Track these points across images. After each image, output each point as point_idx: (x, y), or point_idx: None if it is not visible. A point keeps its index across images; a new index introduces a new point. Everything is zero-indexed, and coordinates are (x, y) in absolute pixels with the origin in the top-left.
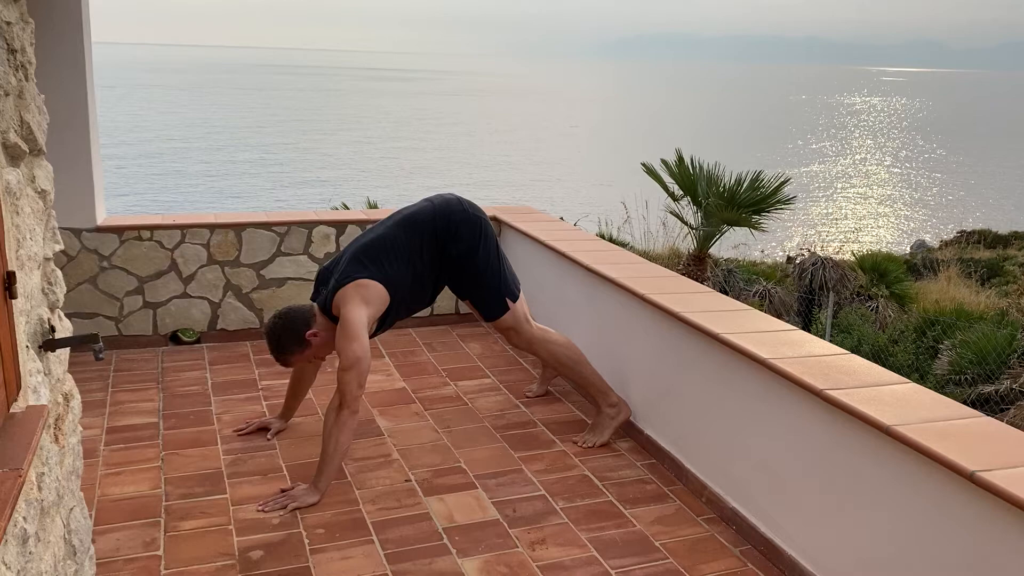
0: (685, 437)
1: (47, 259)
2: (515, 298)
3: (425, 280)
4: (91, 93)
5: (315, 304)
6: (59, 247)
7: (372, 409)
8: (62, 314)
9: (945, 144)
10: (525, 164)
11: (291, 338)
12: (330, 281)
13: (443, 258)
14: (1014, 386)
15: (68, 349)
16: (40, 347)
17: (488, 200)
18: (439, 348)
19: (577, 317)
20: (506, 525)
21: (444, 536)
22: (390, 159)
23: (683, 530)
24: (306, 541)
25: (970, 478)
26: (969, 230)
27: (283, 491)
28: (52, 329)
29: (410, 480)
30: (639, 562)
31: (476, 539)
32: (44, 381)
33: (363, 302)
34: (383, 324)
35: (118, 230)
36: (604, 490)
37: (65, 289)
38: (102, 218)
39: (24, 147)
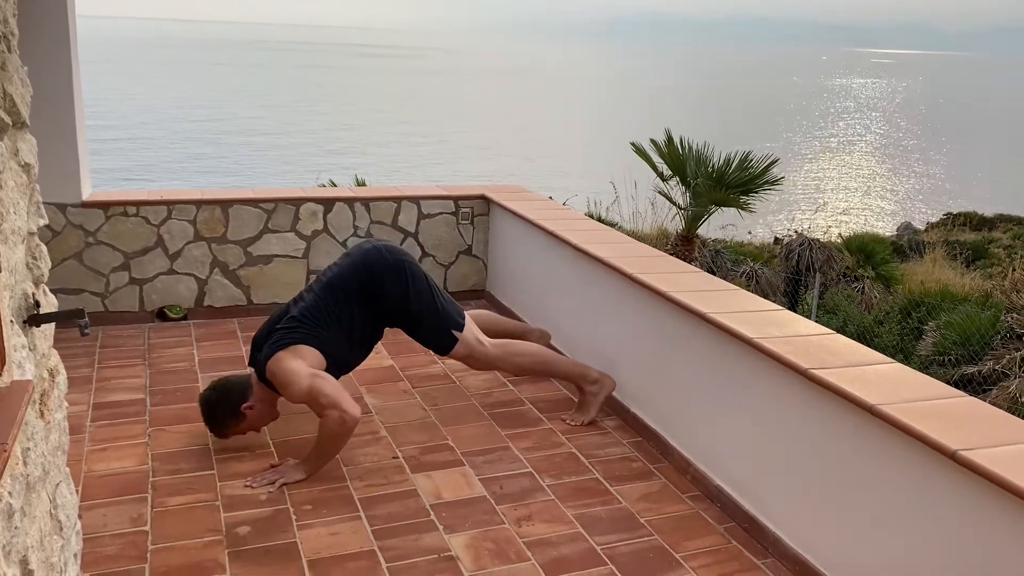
0: (671, 415)
1: (31, 233)
2: (461, 327)
3: (361, 337)
4: (76, 66)
5: (252, 372)
6: (44, 221)
7: (360, 387)
8: (47, 289)
9: (932, 127)
10: (514, 143)
11: (225, 411)
12: (263, 349)
13: (375, 311)
14: (997, 367)
15: (53, 324)
16: (25, 322)
17: (477, 179)
18: None
19: (565, 297)
20: (493, 502)
21: (431, 512)
22: (378, 136)
23: (668, 507)
24: (293, 517)
25: (952, 457)
26: (955, 212)
27: (271, 467)
28: (37, 304)
29: (398, 457)
30: (624, 538)
31: (463, 515)
32: (29, 356)
33: (296, 358)
34: None
35: (104, 205)
36: (590, 467)
37: (50, 264)
38: (87, 193)
39: (7, 120)
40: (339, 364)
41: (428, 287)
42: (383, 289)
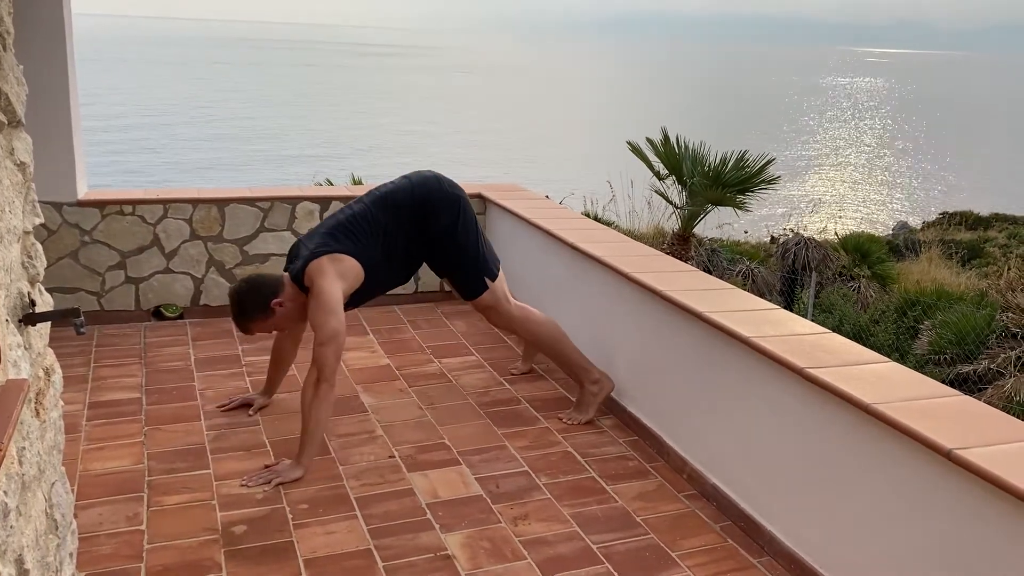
0: (667, 414)
1: (27, 232)
2: (494, 277)
3: (402, 258)
4: (71, 65)
5: (286, 274)
6: (39, 220)
7: (356, 386)
8: (43, 288)
9: (927, 126)
10: (511, 141)
11: (256, 304)
12: (303, 253)
13: (421, 236)
14: (992, 366)
15: (49, 324)
16: (20, 321)
17: (473, 178)
18: (424, 325)
19: (562, 295)
20: (489, 501)
21: (428, 511)
22: (374, 135)
23: (664, 506)
24: (289, 516)
25: (948, 456)
26: (951, 212)
27: (267, 467)
28: (32, 303)
29: (394, 456)
30: (621, 537)
31: (459, 514)
32: (24, 355)
33: (338, 276)
34: (356, 301)
35: (99, 204)
36: (586, 466)
37: (46, 263)
38: (83, 192)
39: (2, 118)
40: (376, 282)
41: (475, 228)
42: (435, 214)
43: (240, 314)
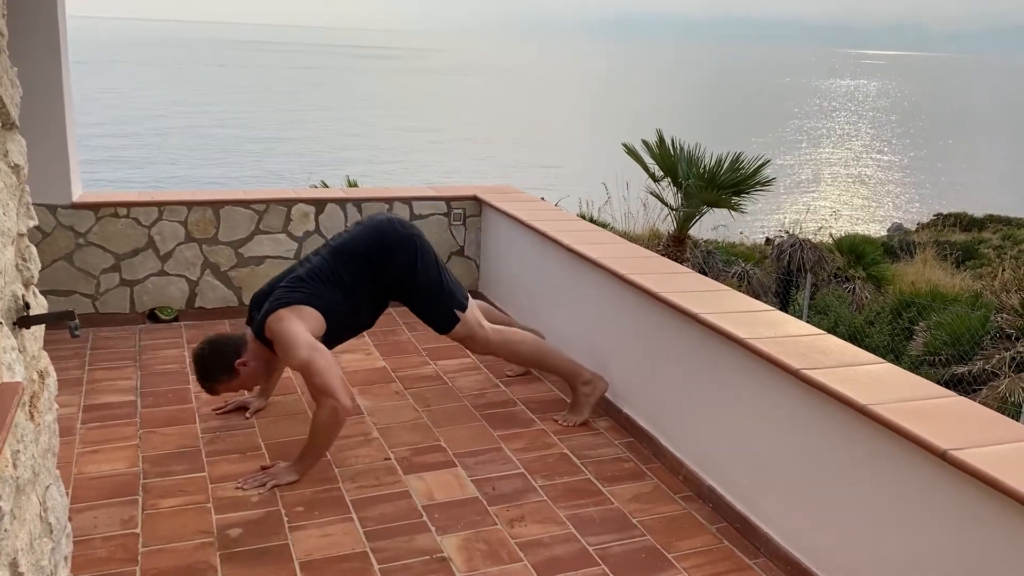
0: (663, 416)
1: (21, 235)
2: (464, 307)
3: (365, 305)
4: (66, 67)
5: (249, 330)
6: (33, 223)
7: (352, 388)
8: (37, 291)
9: (923, 127)
10: (507, 143)
11: (219, 366)
12: (264, 307)
13: (381, 282)
14: (987, 367)
15: (43, 326)
16: (14, 324)
17: (469, 179)
18: (419, 328)
19: (558, 297)
20: (485, 503)
21: (423, 514)
22: (371, 137)
23: (660, 507)
24: (285, 519)
25: (943, 457)
26: (945, 213)
27: (262, 469)
28: (26, 306)
29: (390, 458)
30: (617, 539)
31: (455, 516)
32: (19, 358)
33: (298, 319)
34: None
35: (94, 207)
36: (582, 468)
37: (40, 266)
38: (78, 195)
39: None
40: (341, 328)
41: (436, 264)
42: (391, 259)
43: (204, 377)
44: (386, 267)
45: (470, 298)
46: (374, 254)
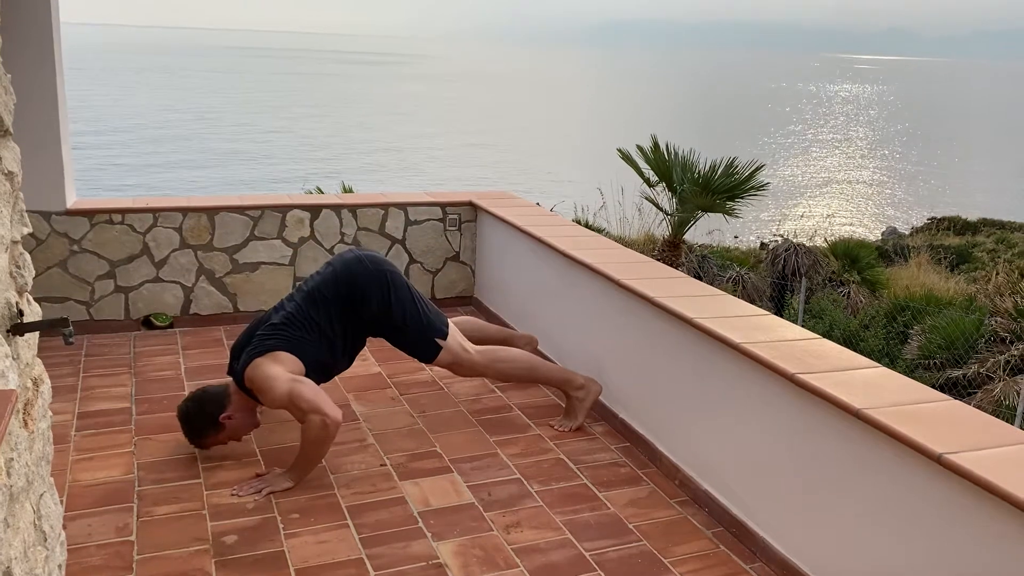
0: (659, 421)
1: (15, 242)
2: (444, 335)
3: (343, 345)
4: (60, 74)
5: (231, 381)
6: (27, 230)
7: (347, 394)
8: (31, 298)
9: (918, 132)
10: (501, 149)
11: (204, 423)
12: (243, 357)
13: (356, 321)
14: (981, 370)
15: (37, 333)
16: (8, 331)
17: (464, 185)
18: None
19: (553, 302)
20: (481, 509)
21: (419, 520)
22: (366, 143)
23: (656, 512)
24: (281, 526)
25: (938, 460)
26: (939, 217)
27: (257, 475)
28: (20, 313)
29: (385, 464)
30: (613, 544)
31: (451, 523)
32: (12, 365)
33: (274, 363)
34: None
35: (88, 213)
36: (578, 473)
37: (34, 273)
38: (72, 201)
39: None
40: (320, 371)
41: (411, 296)
42: (365, 298)
43: (192, 435)
44: (360, 307)
45: (450, 323)
46: (346, 295)
